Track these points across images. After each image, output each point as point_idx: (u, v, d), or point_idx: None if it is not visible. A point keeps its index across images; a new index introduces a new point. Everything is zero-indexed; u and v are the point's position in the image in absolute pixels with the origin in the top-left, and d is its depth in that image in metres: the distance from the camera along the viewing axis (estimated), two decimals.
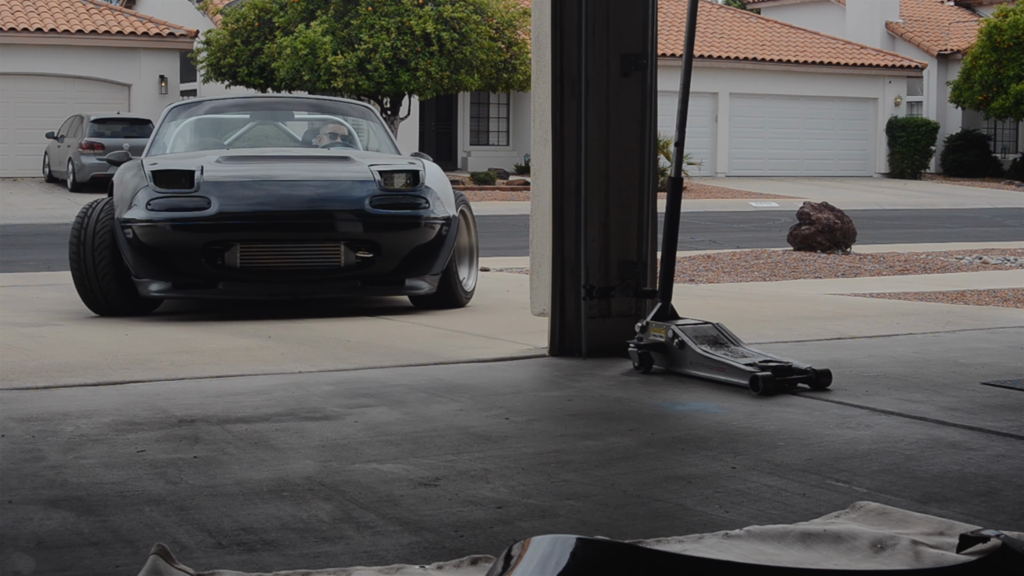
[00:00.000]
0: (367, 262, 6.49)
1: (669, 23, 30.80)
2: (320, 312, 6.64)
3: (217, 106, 8.38)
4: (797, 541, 2.29)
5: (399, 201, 6.55)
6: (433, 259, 6.61)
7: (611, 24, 4.84)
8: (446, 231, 6.66)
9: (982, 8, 39.43)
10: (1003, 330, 5.76)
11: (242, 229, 6.40)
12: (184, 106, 8.25)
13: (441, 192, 6.76)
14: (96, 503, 2.66)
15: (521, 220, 17.34)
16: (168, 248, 6.38)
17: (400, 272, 6.55)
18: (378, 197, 6.51)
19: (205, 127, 8.05)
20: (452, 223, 6.73)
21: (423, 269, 6.58)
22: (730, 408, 3.78)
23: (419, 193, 6.61)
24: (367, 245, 6.49)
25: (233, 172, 6.68)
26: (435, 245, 6.60)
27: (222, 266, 6.39)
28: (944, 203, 25.55)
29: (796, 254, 12.50)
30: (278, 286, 6.49)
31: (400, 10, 24.23)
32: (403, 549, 2.33)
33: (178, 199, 6.43)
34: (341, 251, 6.46)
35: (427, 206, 6.58)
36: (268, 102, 9.03)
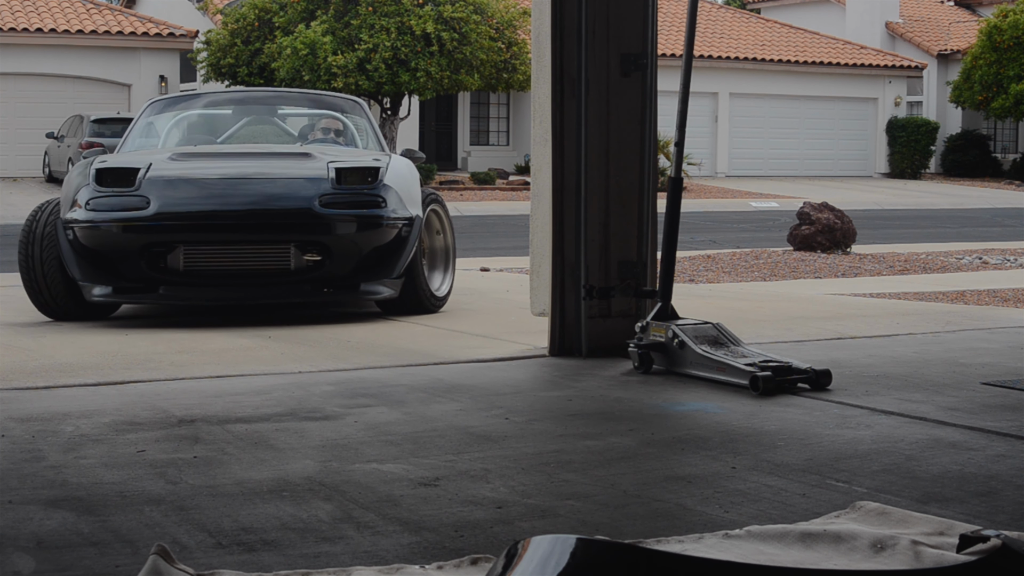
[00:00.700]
0: (318, 265, 6.09)
1: (669, 23, 30.81)
2: (320, 312, 6.64)
3: (198, 101, 8.04)
4: (797, 541, 2.29)
5: (352, 200, 6.14)
6: (393, 262, 6.21)
7: (611, 24, 4.84)
8: (407, 232, 6.26)
9: (982, 8, 39.43)
10: (1003, 330, 5.77)
11: (183, 230, 6.05)
12: (164, 101, 7.95)
13: (403, 190, 6.34)
14: (96, 503, 2.66)
15: (521, 220, 17.35)
16: (108, 250, 6.06)
17: (356, 276, 6.15)
18: (329, 196, 6.11)
19: (183, 123, 7.70)
20: (414, 224, 6.31)
21: (381, 272, 6.19)
22: (730, 408, 3.78)
23: (375, 192, 6.19)
24: (317, 247, 6.08)
25: (178, 170, 6.33)
26: (395, 247, 6.20)
27: (164, 269, 6.05)
28: (944, 203, 25.55)
29: (796, 254, 12.50)
30: (223, 290, 6.12)
31: (400, 10, 24.23)
32: (403, 549, 2.33)
33: (118, 198, 6.09)
34: (291, 253, 6.07)
35: (384, 205, 6.16)
36: (252, 97, 8.51)
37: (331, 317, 6.38)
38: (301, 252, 6.08)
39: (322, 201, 6.07)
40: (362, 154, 6.90)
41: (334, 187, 6.13)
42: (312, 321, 6.20)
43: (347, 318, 6.35)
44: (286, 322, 6.15)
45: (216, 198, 6.10)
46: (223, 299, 6.15)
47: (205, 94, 8.19)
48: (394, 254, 6.20)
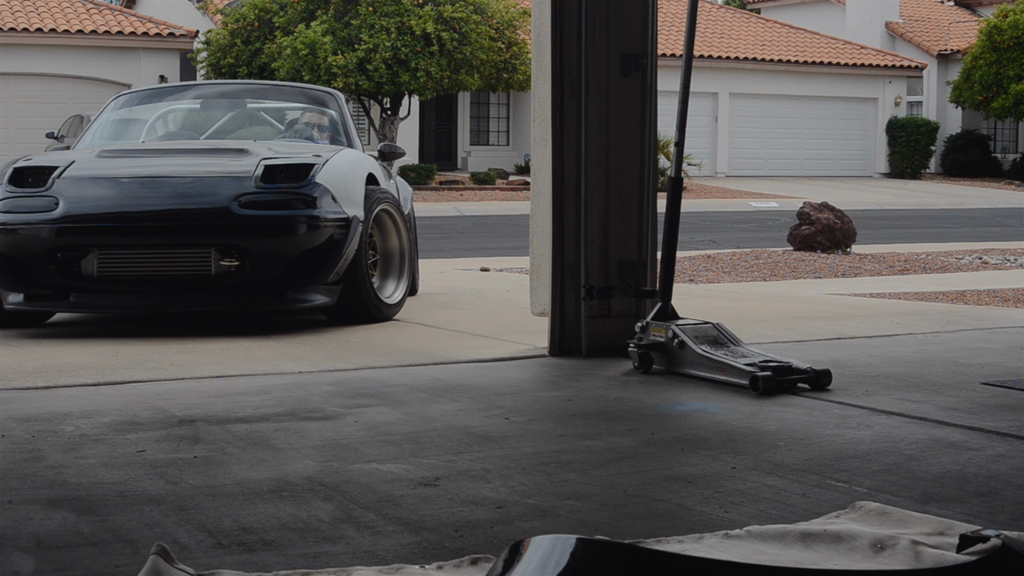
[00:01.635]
0: (238, 271, 5.60)
1: (669, 23, 30.81)
2: (318, 313, 6.64)
3: (163, 93, 7.65)
4: (797, 541, 2.29)
5: (276, 200, 5.64)
6: (325, 267, 5.71)
7: (611, 24, 4.84)
8: (342, 234, 5.74)
9: (982, 8, 39.43)
10: (1003, 330, 5.77)
11: (93, 233, 5.61)
12: (130, 95, 7.53)
13: (340, 189, 5.82)
14: (96, 503, 2.66)
15: (521, 220, 17.35)
16: (18, 255, 5.63)
17: (281, 282, 5.65)
18: (250, 195, 5.61)
19: (142, 118, 7.30)
20: (351, 225, 5.79)
21: (313, 278, 5.69)
22: (730, 408, 3.78)
23: (303, 191, 5.67)
24: (236, 251, 5.59)
25: (95, 169, 5.92)
26: (327, 250, 5.69)
27: (78, 275, 5.62)
28: (944, 203, 25.56)
29: (796, 254, 12.51)
30: (137, 297, 5.66)
31: (400, 10, 24.23)
32: (403, 549, 2.33)
33: (27, 199, 5.68)
34: (211, 258, 5.60)
35: (314, 205, 5.65)
36: (220, 90, 7.95)
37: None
38: (222, 257, 5.60)
39: (242, 201, 5.59)
40: (306, 149, 6.36)
41: (257, 186, 5.64)
42: (312, 322, 6.20)
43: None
44: (286, 322, 6.15)
45: (128, 198, 5.67)
46: (136, 307, 5.72)
47: (173, 88, 7.84)
48: (326, 258, 5.71)
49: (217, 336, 5.59)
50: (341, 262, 5.75)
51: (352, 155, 6.30)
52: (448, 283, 8.87)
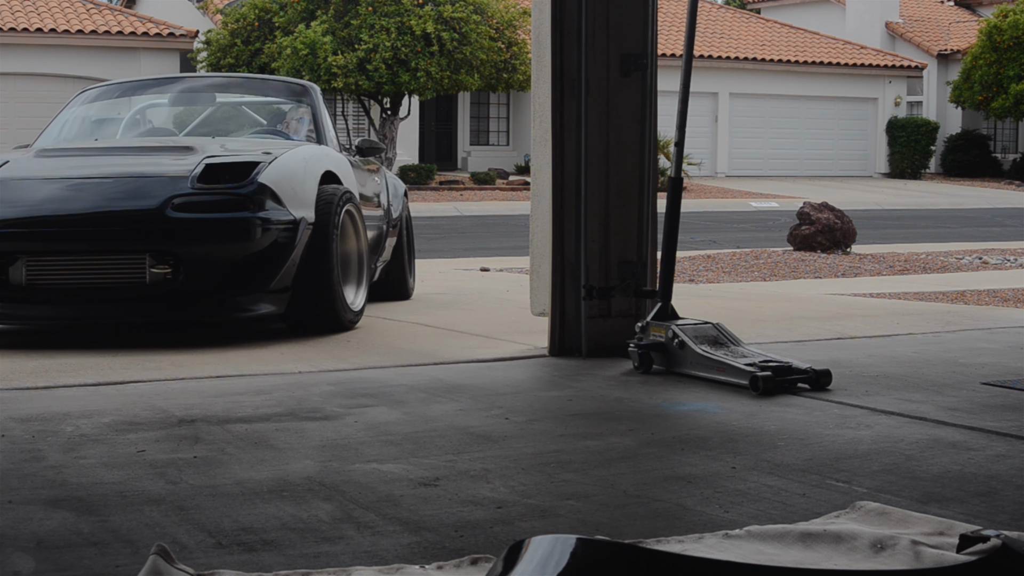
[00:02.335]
0: (172, 279, 5.19)
1: (669, 23, 30.82)
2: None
3: (131, 89, 7.22)
4: (797, 541, 2.29)
5: (211, 202, 5.20)
6: (269, 273, 5.29)
7: (611, 24, 4.84)
8: (287, 238, 5.31)
9: (982, 8, 39.43)
10: (1003, 330, 5.77)
11: (20, 239, 5.24)
12: (96, 90, 7.15)
13: (286, 189, 5.39)
14: (96, 503, 2.66)
15: (521, 220, 17.35)
16: None
17: (221, 290, 5.24)
18: (184, 198, 5.18)
19: (105, 115, 6.96)
20: (299, 229, 5.36)
21: (254, 286, 5.27)
22: (730, 408, 3.78)
23: (242, 191, 5.23)
24: (169, 258, 5.18)
25: (27, 170, 5.57)
26: (270, 256, 5.27)
27: (6, 283, 5.23)
28: (944, 203, 25.56)
29: (796, 254, 12.51)
30: (66, 307, 5.26)
31: (400, 10, 24.24)
32: (403, 549, 2.33)
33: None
34: (145, 265, 5.18)
35: (254, 207, 5.21)
36: (190, 85, 7.55)
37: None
38: (156, 264, 5.19)
39: (175, 204, 5.16)
40: (262, 146, 5.89)
41: (193, 187, 5.20)
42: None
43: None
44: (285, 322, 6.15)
45: (58, 202, 5.28)
46: (66, 318, 5.32)
47: (141, 82, 7.36)
48: (270, 264, 5.28)
49: (217, 336, 5.59)
50: (286, 268, 5.33)
51: (307, 151, 5.86)
52: (448, 283, 8.87)
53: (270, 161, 5.42)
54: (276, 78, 7.54)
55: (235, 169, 5.33)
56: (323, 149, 6.17)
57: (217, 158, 5.43)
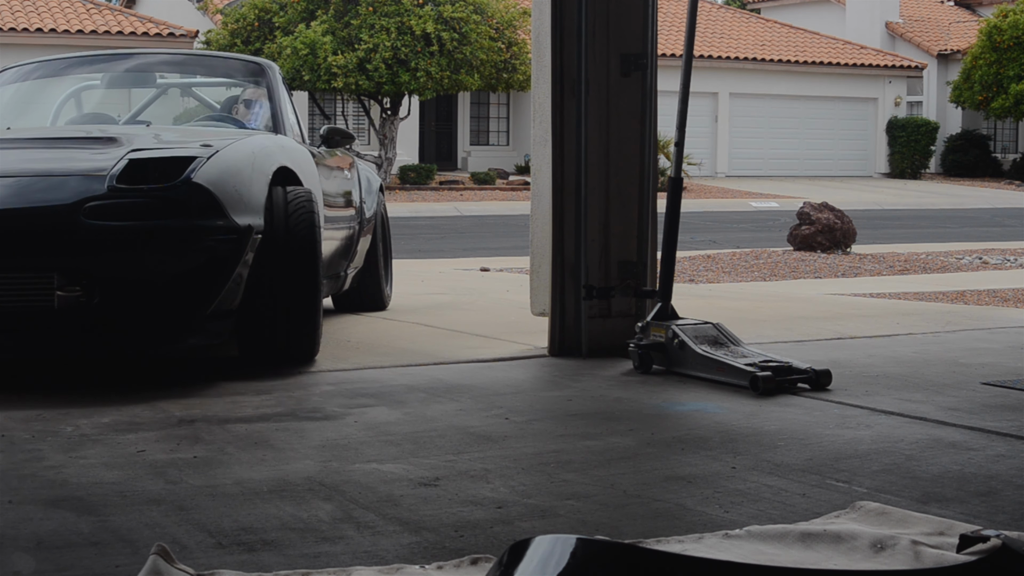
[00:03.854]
0: (84, 302, 4.08)
1: (669, 23, 30.82)
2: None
3: (59, 68, 6.19)
4: (797, 541, 2.29)
5: (131, 207, 4.11)
6: (205, 295, 4.21)
7: (611, 24, 4.84)
8: (229, 251, 4.21)
9: (982, 8, 39.44)
10: (1003, 330, 5.77)
11: None
12: (17, 69, 6.18)
13: (228, 191, 4.29)
14: (96, 503, 2.66)
15: (521, 220, 17.35)
16: None
17: (146, 316, 4.17)
18: (98, 201, 4.10)
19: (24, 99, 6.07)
20: (244, 238, 4.26)
21: (188, 310, 4.21)
22: (730, 408, 3.78)
23: (170, 194, 4.15)
24: (81, 276, 4.08)
25: None
26: (207, 273, 4.19)
27: None
28: (944, 203, 25.56)
29: (796, 254, 12.51)
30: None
31: (400, 10, 24.24)
32: (403, 549, 2.33)
33: None
34: (53, 285, 4.06)
35: (185, 213, 4.14)
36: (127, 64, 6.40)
37: (329, 315, 6.37)
38: (67, 283, 4.09)
39: (89, 209, 4.08)
40: (204, 137, 4.84)
41: (110, 188, 4.13)
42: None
43: (347, 317, 6.34)
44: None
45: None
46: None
47: (71, 60, 6.24)
48: (206, 284, 4.21)
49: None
50: (227, 288, 4.26)
51: (257, 143, 4.76)
52: (448, 283, 8.87)
53: (209, 156, 4.35)
54: (230, 55, 6.42)
55: (163, 166, 4.28)
56: (278, 139, 5.11)
57: (143, 152, 4.35)
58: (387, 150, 25.49)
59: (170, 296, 4.20)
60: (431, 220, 20.14)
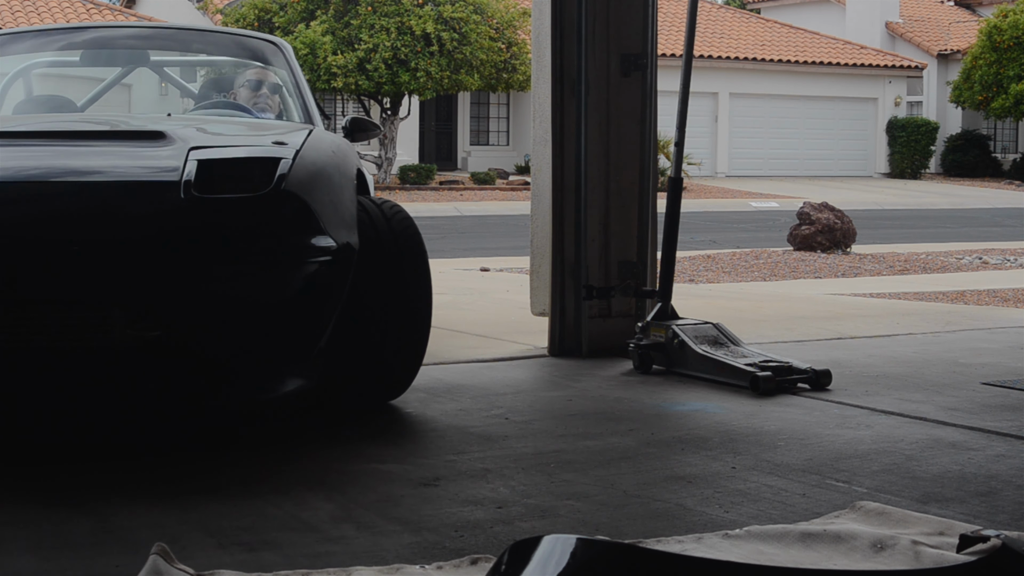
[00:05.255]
0: (157, 343, 3.08)
1: (669, 23, 30.81)
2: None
3: (28, 38, 5.10)
4: (797, 541, 2.29)
5: (219, 224, 3.15)
6: (308, 332, 3.31)
7: (611, 24, 4.84)
8: (335, 274, 3.30)
9: (982, 8, 39.44)
10: (1003, 330, 5.77)
11: None
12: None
13: (323, 200, 3.36)
14: (96, 503, 2.66)
15: (521, 220, 17.35)
16: None
17: (233, 361, 3.22)
18: (178, 216, 3.13)
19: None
20: (348, 259, 3.36)
21: (289, 351, 3.30)
22: (730, 408, 3.78)
23: (265, 206, 3.21)
24: (152, 312, 3.08)
25: None
26: (306, 305, 3.25)
27: None
28: (944, 203, 25.56)
29: (796, 254, 12.51)
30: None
31: (400, 10, 24.25)
32: (403, 549, 2.33)
33: None
34: (113, 323, 3.05)
35: (282, 230, 3.22)
36: (111, 35, 5.36)
37: None
38: (133, 320, 3.06)
39: (166, 226, 3.13)
40: (254, 129, 4.10)
41: (190, 198, 3.15)
42: None
43: None
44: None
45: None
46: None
47: (42, 31, 5.12)
48: (307, 318, 3.29)
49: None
50: (326, 321, 3.36)
51: (328, 141, 3.78)
52: (448, 283, 8.87)
53: (293, 156, 3.39)
54: (235, 31, 5.32)
55: (243, 169, 3.33)
56: (334, 136, 4.05)
57: (209, 150, 3.39)
58: (387, 150, 25.50)
59: (264, 334, 3.26)
60: (431, 220, 20.14)
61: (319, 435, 3.37)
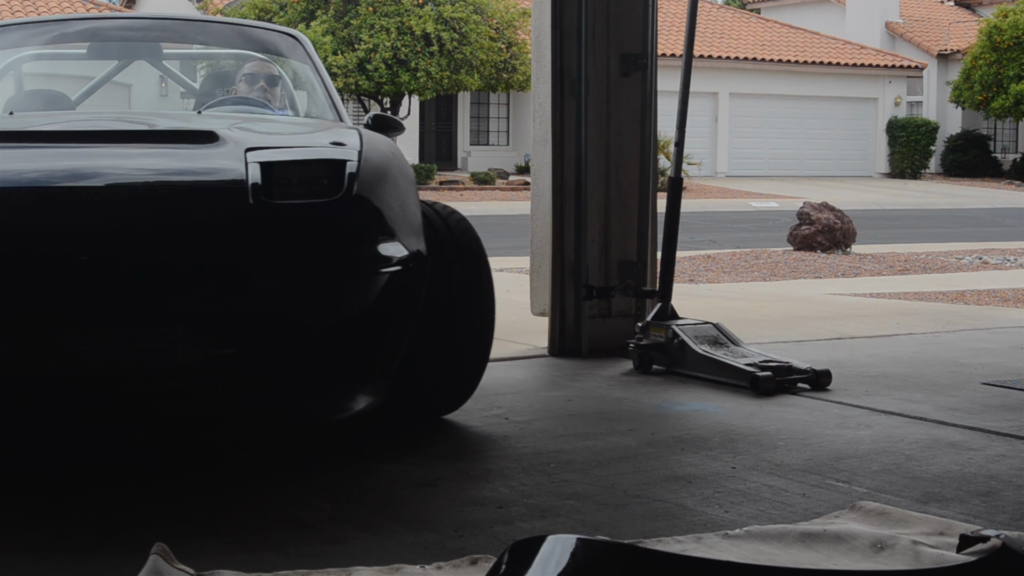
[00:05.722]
0: (226, 363, 2.84)
1: (669, 23, 30.81)
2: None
3: (34, 34, 4.70)
4: (797, 541, 2.29)
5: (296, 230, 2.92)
6: (379, 347, 3.08)
7: (611, 24, 4.84)
8: (410, 285, 3.09)
9: (982, 8, 39.44)
10: (1003, 330, 5.77)
11: None
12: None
13: (391, 201, 3.13)
14: (96, 503, 2.66)
15: (521, 220, 17.35)
16: None
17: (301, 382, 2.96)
18: (247, 224, 2.89)
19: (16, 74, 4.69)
20: (422, 268, 3.15)
21: (356, 369, 3.05)
22: (730, 408, 3.78)
23: (338, 212, 2.97)
24: (220, 329, 2.83)
25: None
26: (381, 318, 3.02)
27: None
28: (944, 203, 25.55)
29: (796, 254, 12.51)
30: (34, 415, 2.81)
31: (400, 10, 24.25)
32: (403, 549, 2.33)
33: None
34: (175, 341, 2.78)
35: (357, 238, 2.99)
36: (117, 26, 4.98)
37: None
38: (196, 339, 2.80)
39: (231, 234, 2.89)
40: (305, 128, 3.84)
41: (259, 204, 2.90)
42: None
43: None
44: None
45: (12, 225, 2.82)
46: (28, 433, 2.86)
47: (40, 22, 4.77)
48: (380, 332, 3.06)
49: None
50: (401, 335, 3.15)
51: (384, 140, 3.47)
52: None
53: (356, 155, 3.14)
54: (251, 23, 4.94)
55: (309, 171, 3.10)
56: (382, 136, 3.62)
57: (266, 152, 3.11)
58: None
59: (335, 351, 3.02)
60: None
61: (319, 435, 3.37)
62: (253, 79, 4.45)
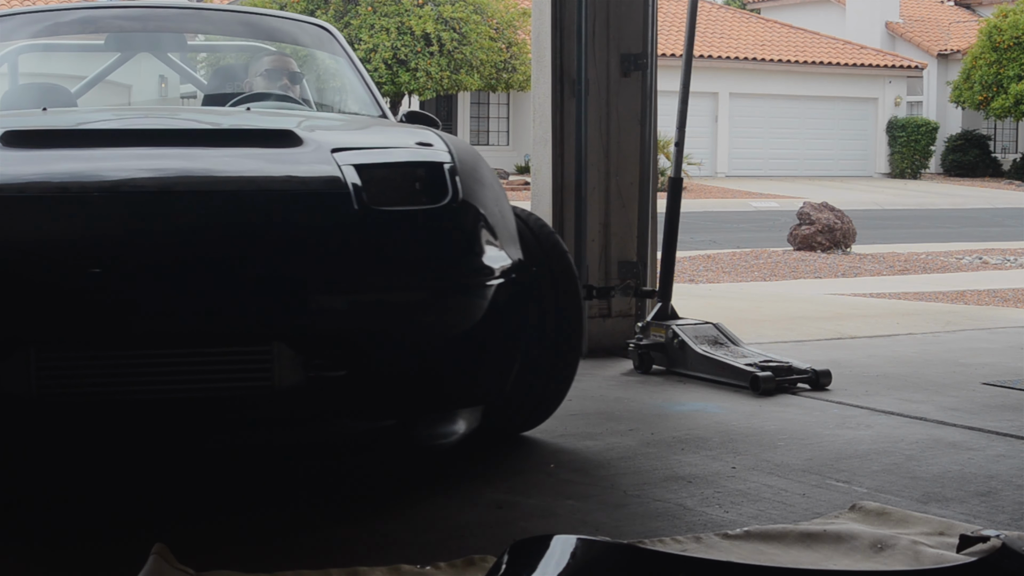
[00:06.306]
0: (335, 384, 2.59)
1: (669, 23, 30.81)
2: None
3: (48, 27, 4.41)
4: (797, 541, 2.29)
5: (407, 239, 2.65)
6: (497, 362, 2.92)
7: (611, 24, 4.84)
8: (519, 295, 2.91)
9: (982, 8, 39.44)
10: (1003, 330, 5.77)
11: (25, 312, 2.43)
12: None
13: (494, 213, 2.92)
14: (96, 502, 2.66)
15: None
16: None
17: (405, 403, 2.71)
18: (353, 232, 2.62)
19: (26, 66, 4.45)
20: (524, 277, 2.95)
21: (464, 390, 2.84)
22: (730, 408, 3.78)
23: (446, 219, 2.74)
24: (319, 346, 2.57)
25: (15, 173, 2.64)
26: (488, 333, 2.78)
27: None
28: (944, 203, 25.55)
29: (796, 254, 12.51)
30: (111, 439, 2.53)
31: (400, 10, 24.25)
32: (403, 549, 2.33)
33: None
34: (273, 359, 2.53)
35: (468, 247, 2.75)
36: (136, 15, 4.74)
37: None
38: (300, 357, 2.55)
39: (335, 243, 2.61)
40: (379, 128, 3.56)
41: (364, 209, 2.63)
42: None
43: None
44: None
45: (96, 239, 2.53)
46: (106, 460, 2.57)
47: (48, 10, 4.41)
48: (487, 348, 2.83)
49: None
50: (512, 351, 2.99)
51: (463, 141, 3.26)
52: None
53: (451, 159, 2.90)
54: (279, 14, 4.65)
55: (408, 174, 2.85)
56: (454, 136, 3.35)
57: (354, 153, 2.85)
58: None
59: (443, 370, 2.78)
60: None
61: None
62: (274, 75, 4.18)
